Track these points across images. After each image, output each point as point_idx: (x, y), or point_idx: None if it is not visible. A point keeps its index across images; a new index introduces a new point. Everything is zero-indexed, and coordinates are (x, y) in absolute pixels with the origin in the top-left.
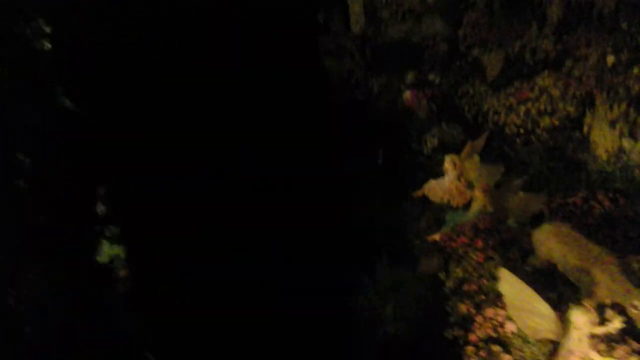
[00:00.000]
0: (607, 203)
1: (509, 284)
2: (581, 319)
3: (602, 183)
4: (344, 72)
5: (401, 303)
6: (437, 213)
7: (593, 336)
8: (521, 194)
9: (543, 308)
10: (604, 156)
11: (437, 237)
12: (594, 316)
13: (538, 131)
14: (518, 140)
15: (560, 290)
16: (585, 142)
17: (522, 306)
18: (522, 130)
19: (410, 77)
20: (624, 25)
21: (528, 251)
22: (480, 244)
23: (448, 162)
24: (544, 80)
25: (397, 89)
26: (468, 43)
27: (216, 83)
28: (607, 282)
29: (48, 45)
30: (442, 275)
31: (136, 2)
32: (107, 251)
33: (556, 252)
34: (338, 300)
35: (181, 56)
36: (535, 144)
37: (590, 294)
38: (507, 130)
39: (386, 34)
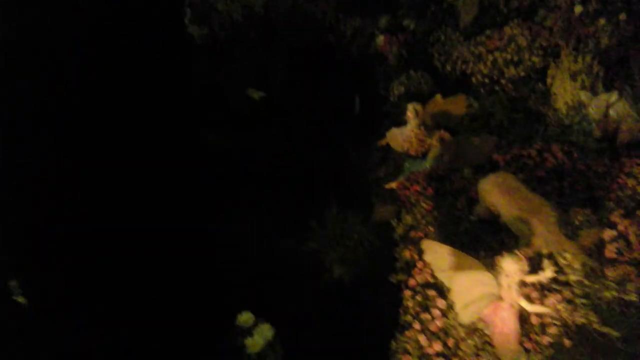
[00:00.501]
0: (560, 156)
1: (434, 253)
2: (511, 266)
3: (559, 136)
4: (317, 13)
5: (348, 248)
6: (398, 161)
7: (524, 284)
8: (474, 138)
9: (473, 265)
10: (564, 109)
11: (394, 185)
12: (524, 264)
13: (503, 81)
14: (483, 90)
15: (502, 239)
16: (547, 94)
17: (450, 269)
18: (487, 80)
19: (384, 21)
20: None
21: (475, 200)
22: (431, 192)
23: (410, 111)
24: (512, 29)
25: (371, 33)
26: None
27: None
28: (543, 232)
29: None
30: (394, 223)
31: None
32: None
33: (499, 202)
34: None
35: None
36: (499, 95)
37: (528, 244)
38: (473, 80)
39: None
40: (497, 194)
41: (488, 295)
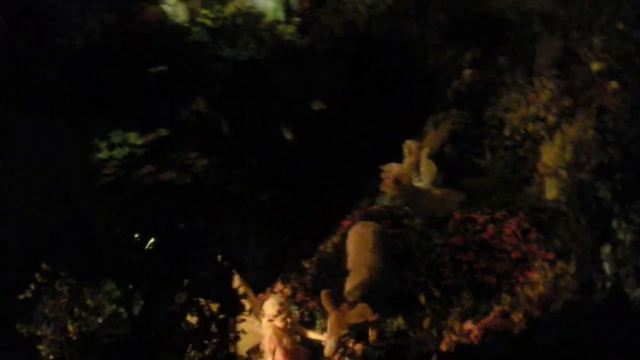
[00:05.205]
0: (509, 230)
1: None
2: (268, 309)
3: (532, 209)
4: (417, 37)
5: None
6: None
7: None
8: (437, 191)
9: (252, 300)
10: (545, 178)
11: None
12: (275, 309)
13: (518, 137)
14: (498, 141)
15: None
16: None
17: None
18: (508, 133)
19: (468, 56)
20: (619, 25)
21: None
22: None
23: (405, 147)
24: (542, 81)
25: (461, 65)
26: (553, 27)
27: None
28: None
29: None
30: None
31: None
32: None
33: (350, 250)
34: None
35: None
36: (510, 151)
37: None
38: (503, 131)
39: (489, 3)
40: (351, 242)
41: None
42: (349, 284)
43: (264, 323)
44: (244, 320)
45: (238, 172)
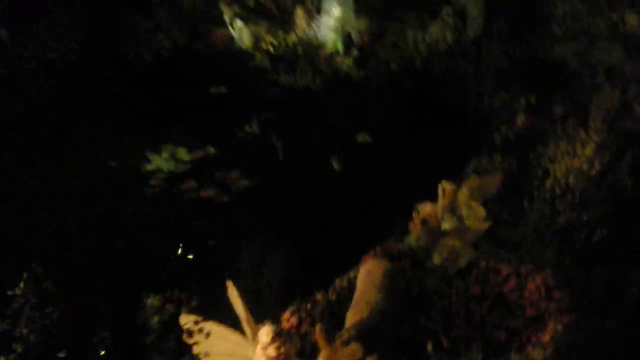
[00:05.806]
0: (533, 285)
1: None
2: (262, 337)
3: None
4: (471, 77)
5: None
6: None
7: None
8: (450, 241)
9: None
10: None
11: None
12: (270, 337)
13: (557, 190)
14: (536, 194)
15: None
16: None
17: None
18: (549, 185)
19: (522, 101)
20: None
21: None
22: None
23: (440, 188)
24: (590, 133)
25: (514, 110)
26: (615, 80)
27: None
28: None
29: None
30: None
31: None
32: None
33: (358, 287)
34: None
35: None
36: (549, 203)
37: None
38: (546, 182)
39: (552, 50)
40: (360, 279)
41: (237, 354)
42: (348, 322)
43: (257, 350)
44: None
45: (278, 196)
